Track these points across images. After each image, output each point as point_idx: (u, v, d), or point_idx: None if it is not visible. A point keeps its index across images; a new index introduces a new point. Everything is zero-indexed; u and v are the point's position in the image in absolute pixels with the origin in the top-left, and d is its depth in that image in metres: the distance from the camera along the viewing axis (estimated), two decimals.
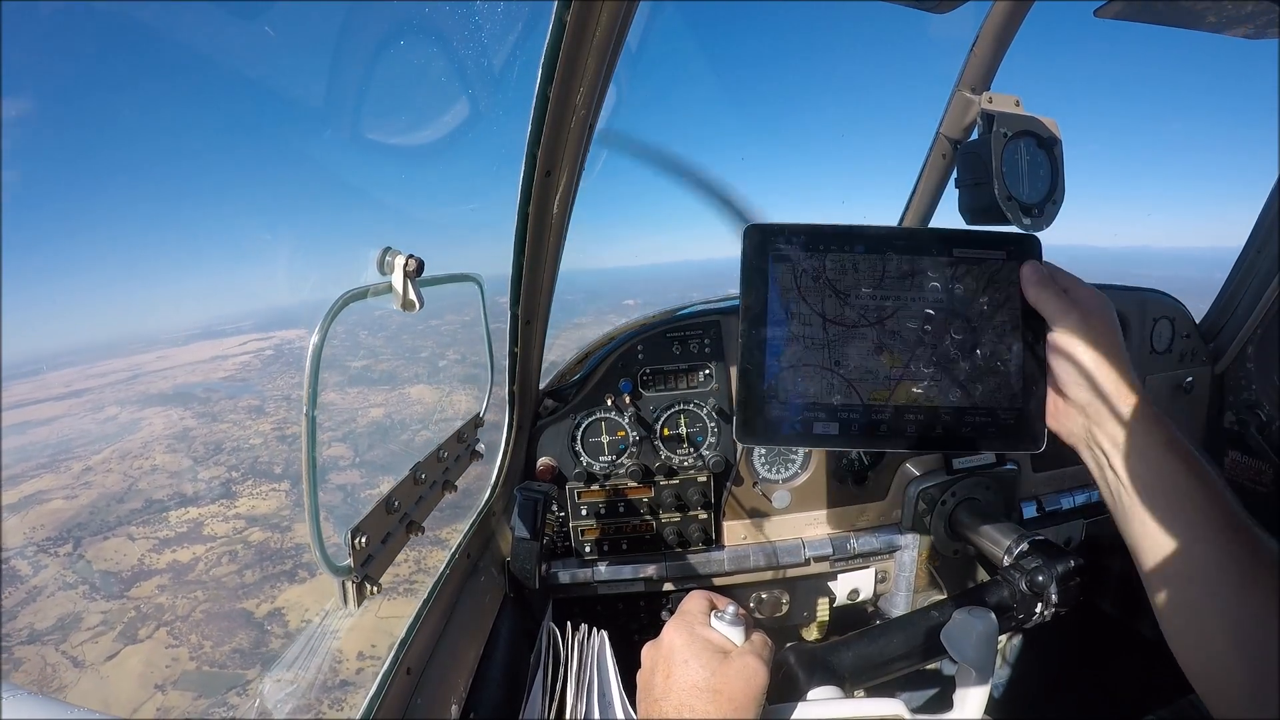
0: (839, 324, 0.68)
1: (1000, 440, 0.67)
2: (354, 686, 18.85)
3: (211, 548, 32.71)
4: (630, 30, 0.76)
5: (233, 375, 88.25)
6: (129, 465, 48.07)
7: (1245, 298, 1.74)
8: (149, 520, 37.47)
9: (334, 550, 0.69)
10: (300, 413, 0.65)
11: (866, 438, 0.67)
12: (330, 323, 0.70)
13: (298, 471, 0.66)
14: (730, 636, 0.71)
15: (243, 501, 36.11)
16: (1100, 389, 0.62)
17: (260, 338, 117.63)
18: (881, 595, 1.58)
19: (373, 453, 41.60)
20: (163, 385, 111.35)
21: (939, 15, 1.09)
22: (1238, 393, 1.79)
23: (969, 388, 0.67)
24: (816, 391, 0.67)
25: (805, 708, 0.83)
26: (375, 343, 56.65)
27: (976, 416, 0.67)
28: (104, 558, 34.55)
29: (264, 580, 28.95)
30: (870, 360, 0.67)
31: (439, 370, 53.02)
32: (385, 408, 52.41)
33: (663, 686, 0.67)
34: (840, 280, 0.68)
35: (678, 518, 1.42)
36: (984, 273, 0.68)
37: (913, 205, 1.72)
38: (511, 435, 1.34)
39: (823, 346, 0.67)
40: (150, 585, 30.80)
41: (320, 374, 0.67)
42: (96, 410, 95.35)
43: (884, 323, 0.68)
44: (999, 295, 0.68)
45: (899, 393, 0.67)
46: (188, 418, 60.03)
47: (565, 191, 0.94)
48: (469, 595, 1.14)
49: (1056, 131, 1.12)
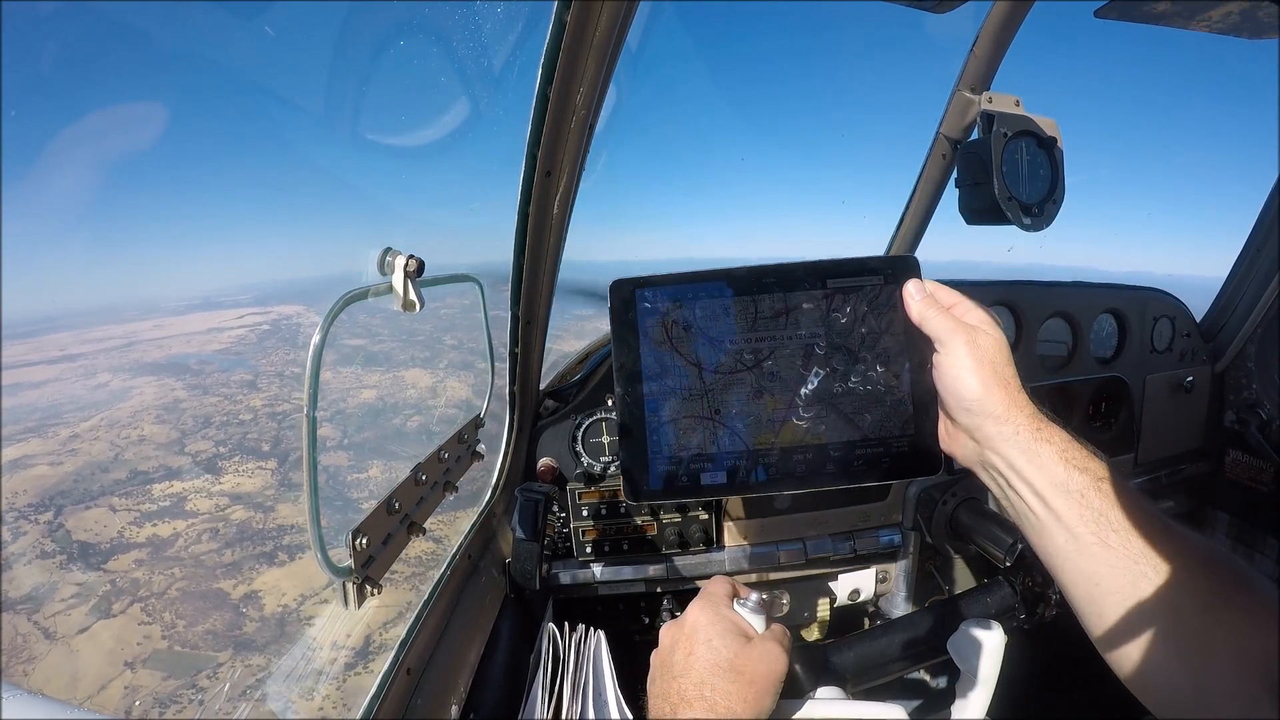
0: (716, 372, 0.67)
1: (895, 470, 0.66)
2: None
3: (193, 524, 32.15)
4: (630, 30, 0.76)
5: (227, 349, 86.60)
6: (116, 434, 47.29)
7: (1245, 297, 1.74)
8: (132, 492, 36.91)
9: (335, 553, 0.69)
10: (297, 404, 0.65)
11: (757, 483, 0.66)
12: (330, 323, 0.70)
13: (285, 450, 0.65)
14: (752, 624, 0.71)
15: (228, 478, 35.42)
16: (988, 409, 0.60)
17: (258, 312, 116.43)
18: (882, 595, 1.58)
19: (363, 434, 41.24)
20: (157, 355, 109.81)
21: (939, 15, 1.09)
22: (1238, 392, 1.79)
23: (857, 420, 0.66)
24: (700, 442, 0.66)
25: (807, 707, 0.83)
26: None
27: (868, 448, 0.66)
28: (84, 528, 33.94)
29: (243, 560, 28.47)
30: (751, 405, 0.66)
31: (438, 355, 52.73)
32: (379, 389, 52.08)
33: (683, 664, 0.67)
34: (712, 327, 0.67)
35: (678, 518, 1.42)
36: (862, 299, 0.66)
37: (912, 205, 1.72)
38: (512, 436, 1.34)
39: (701, 396, 0.66)
40: (128, 559, 30.28)
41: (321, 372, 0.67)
42: (89, 376, 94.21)
43: (761, 365, 0.66)
44: (880, 321, 0.66)
45: (784, 433, 0.66)
46: (179, 389, 59.06)
47: (565, 191, 0.94)
48: (469, 596, 1.14)
49: (1056, 132, 1.12)
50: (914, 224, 1.77)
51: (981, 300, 0.66)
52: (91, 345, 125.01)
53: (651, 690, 0.70)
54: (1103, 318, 1.73)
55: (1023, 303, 1.57)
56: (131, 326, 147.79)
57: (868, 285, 0.66)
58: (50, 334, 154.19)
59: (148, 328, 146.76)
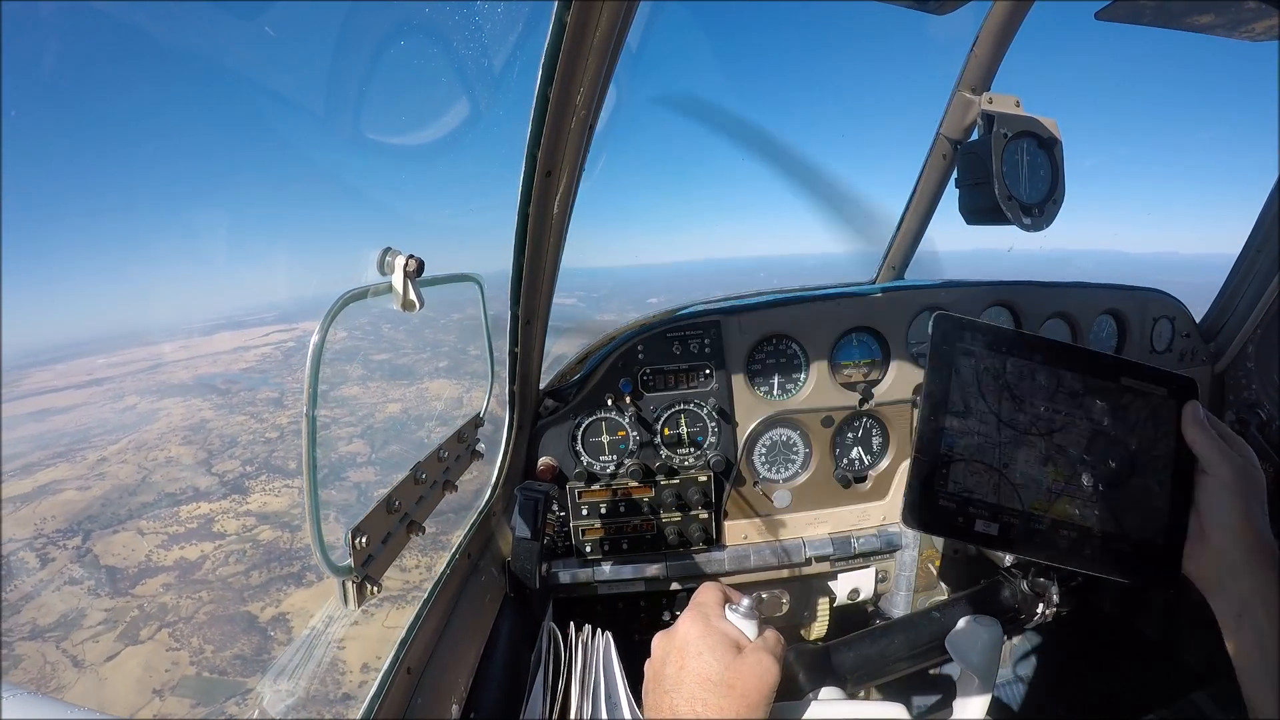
0: (1011, 427, 0.69)
1: (1138, 573, 0.69)
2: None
3: (220, 545, 32.12)
4: (630, 30, 0.76)
5: (253, 367, 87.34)
6: (144, 457, 47.36)
7: (1245, 297, 1.74)
8: (159, 515, 36.90)
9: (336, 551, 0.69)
10: (325, 419, 0.65)
11: (1024, 544, 0.69)
12: (330, 323, 0.70)
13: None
14: (744, 630, 0.71)
15: (254, 498, 35.50)
16: (1242, 540, 0.63)
17: (284, 329, 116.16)
18: (882, 595, 1.58)
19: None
20: (183, 375, 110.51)
21: (939, 16, 1.09)
22: (1238, 392, 1.79)
23: (1120, 516, 0.69)
24: (983, 490, 0.69)
25: (809, 708, 0.83)
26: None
27: (1122, 545, 0.69)
28: (112, 553, 33.95)
29: (270, 582, 28.42)
30: (1036, 469, 0.69)
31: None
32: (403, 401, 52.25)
33: (674, 677, 0.67)
34: (1018, 386, 0.70)
35: (679, 517, 1.42)
36: (1147, 405, 0.70)
37: (913, 206, 1.72)
38: (512, 435, 1.34)
39: (995, 446, 0.69)
40: (155, 583, 30.28)
41: (321, 372, 0.67)
42: (116, 399, 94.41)
43: (1053, 435, 0.69)
44: (1157, 430, 0.70)
45: (1057, 507, 0.69)
46: (205, 409, 59.12)
47: (565, 191, 0.94)
48: (469, 595, 1.14)
49: (1056, 132, 1.12)
50: (914, 224, 1.77)
51: (981, 300, 0.66)
52: (119, 368, 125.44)
53: (645, 701, 0.71)
54: (1102, 318, 1.73)
55: (1023, 303, 1.57)
56: (158, 348, 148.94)
57: (1154, 393, 0.70)
58: (78, 359, 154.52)
59: (174, 349, 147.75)
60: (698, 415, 1.45)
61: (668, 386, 1.45)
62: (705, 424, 1.45)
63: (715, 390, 1.45)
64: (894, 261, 1.89)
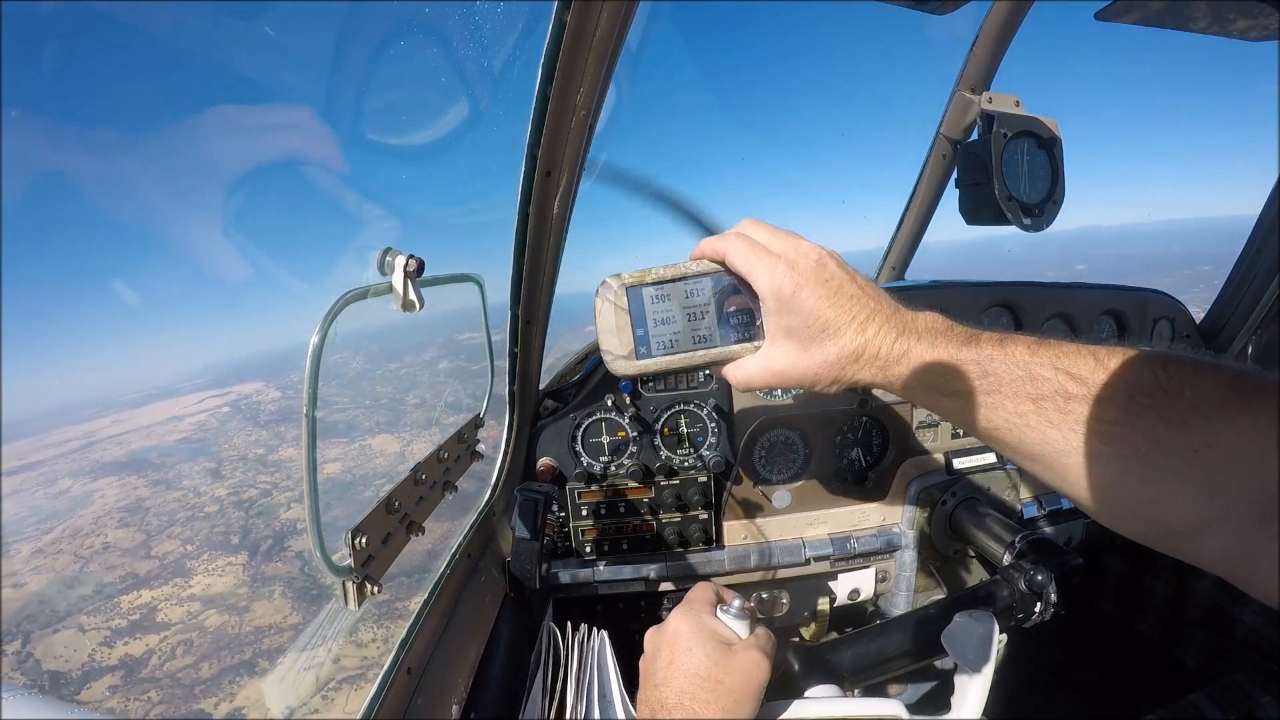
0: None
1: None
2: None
3: (165, 637, 30.53)
4: (630, 30, 0.76)
5: (188, 436, 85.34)
6: (80, 545, 45.48)
7: (1245, 298, 1.74)
8: (100, 608, 35.18)
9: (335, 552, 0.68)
10: (263, 488, 0.65)
11: None
12: (330, 323, 0.70)
13: (255, 540, 0.64)
14: (735, 630, 0.72)
15: (197, 579, 33.98)
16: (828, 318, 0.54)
17: (218, 394, 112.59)
18: (882, 595, 1.58)
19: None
20: (116, 452, 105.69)
21: (939, 16, 1.09)
22: None
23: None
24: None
25: (802, 705, 0.83)
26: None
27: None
28: (54, 654, 32.23)
29: (221, 674, 26.98)
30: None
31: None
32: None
33: (664, 672, 0.68)
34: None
35: (678, 518, 1.43)
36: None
37: (913, 206, 1.72)
38: (511, 435, 1.34)
39: None
40: (101, 685, 28.60)
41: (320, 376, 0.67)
42: (49, 484, 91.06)
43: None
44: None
45: None
46: (141, 487, 57.09)
47: (565, 192, 0.94)
48: (469, 595, 1.14)
49: (1056, 131, 1.12)
50: (914, 224, 1.77)
51: (981, 301, 0.65)
52: (51, 450, 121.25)
53: (638, 696, 0.71)
54: (1103, 319, 1.73)
55: (1022, 304, 1.57)
56: (90, 425, 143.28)
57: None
58: (11, 442, 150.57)
59: (106, 424, 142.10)
60: (697, 415, 1.45)
61: (667, 386, 1.45)
62: (705, 424, 1.45)
63: (715, 390, 1.45)
64: (894, 261, 1.89)
